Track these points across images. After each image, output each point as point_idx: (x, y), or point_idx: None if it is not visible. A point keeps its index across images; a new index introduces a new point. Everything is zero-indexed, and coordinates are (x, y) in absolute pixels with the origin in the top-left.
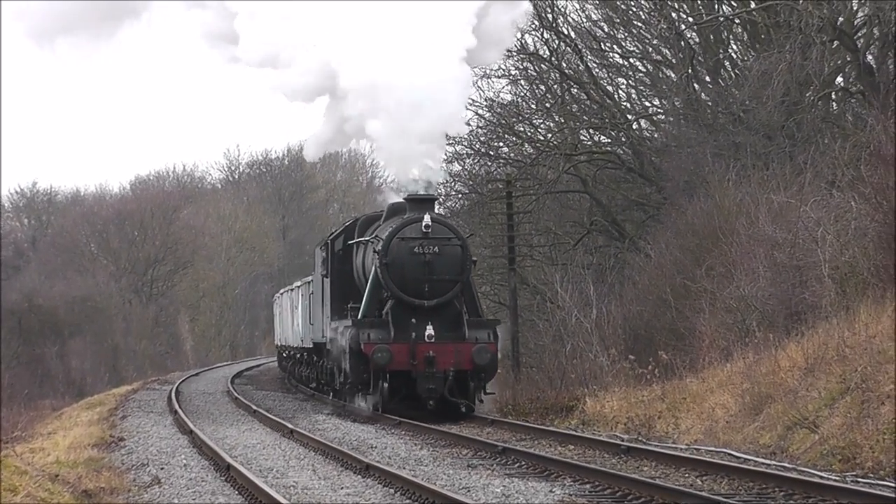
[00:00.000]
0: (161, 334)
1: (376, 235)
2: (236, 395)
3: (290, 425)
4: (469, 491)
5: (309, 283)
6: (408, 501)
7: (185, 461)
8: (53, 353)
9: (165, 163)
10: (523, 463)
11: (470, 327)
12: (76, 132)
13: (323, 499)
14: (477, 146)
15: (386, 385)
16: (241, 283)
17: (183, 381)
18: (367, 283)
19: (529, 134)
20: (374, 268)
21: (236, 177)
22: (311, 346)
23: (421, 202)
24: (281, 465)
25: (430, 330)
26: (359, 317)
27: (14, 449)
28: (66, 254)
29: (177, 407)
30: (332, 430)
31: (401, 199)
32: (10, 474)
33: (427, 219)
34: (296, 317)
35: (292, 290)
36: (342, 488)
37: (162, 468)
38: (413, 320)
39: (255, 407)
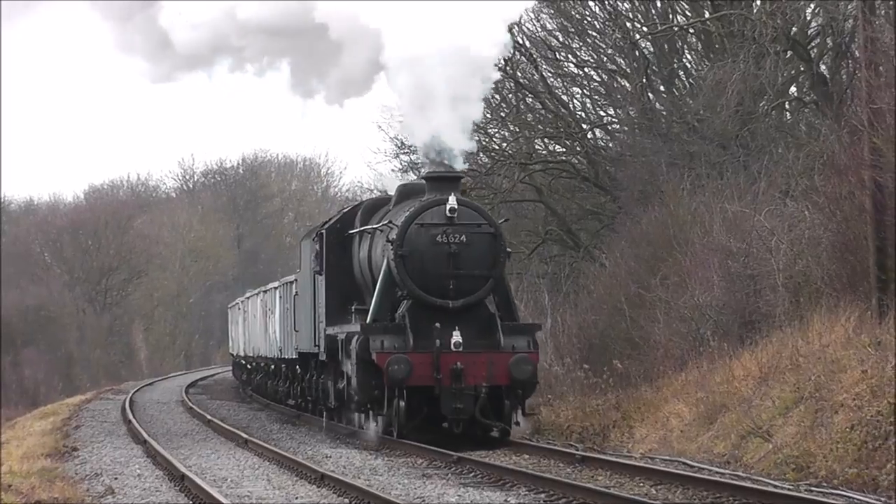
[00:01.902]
0: (115, 344)
1: (389, 221)
2: (191, 404)
3: (244, 435)
4: (424, 500)
5: (291, 283)
6: None
7: (138, 471)
8: (6, 362)
9: (119, 172)
10: (478, 472)
11: (505, 333)
12: (29, 141)
13: None
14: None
15: (403, 404)
16: (195, 293)
17: (137, 390)
18: (374, 280)
19: (484, 143)
20: (385, 261)
21: (191, 186)
22: (293, 356)
23: (444, 181)
24: (235, 474)
25: (456, 336)
26: (367, 320)
27: None
28: (20, 263)
29: (131, 417)
30: (286, 439)
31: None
32: None
33: (452, 200)
34: (271, 323)
35: (266, 291)
36: (297, 498)
37: (116, 478)
38: (436, 325)
39: (209, 417)
